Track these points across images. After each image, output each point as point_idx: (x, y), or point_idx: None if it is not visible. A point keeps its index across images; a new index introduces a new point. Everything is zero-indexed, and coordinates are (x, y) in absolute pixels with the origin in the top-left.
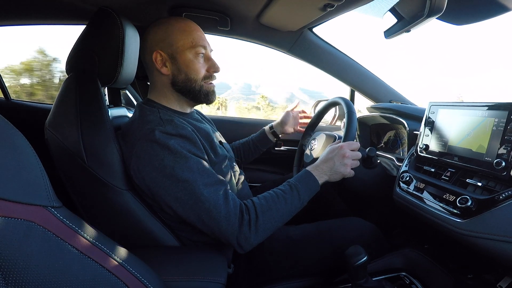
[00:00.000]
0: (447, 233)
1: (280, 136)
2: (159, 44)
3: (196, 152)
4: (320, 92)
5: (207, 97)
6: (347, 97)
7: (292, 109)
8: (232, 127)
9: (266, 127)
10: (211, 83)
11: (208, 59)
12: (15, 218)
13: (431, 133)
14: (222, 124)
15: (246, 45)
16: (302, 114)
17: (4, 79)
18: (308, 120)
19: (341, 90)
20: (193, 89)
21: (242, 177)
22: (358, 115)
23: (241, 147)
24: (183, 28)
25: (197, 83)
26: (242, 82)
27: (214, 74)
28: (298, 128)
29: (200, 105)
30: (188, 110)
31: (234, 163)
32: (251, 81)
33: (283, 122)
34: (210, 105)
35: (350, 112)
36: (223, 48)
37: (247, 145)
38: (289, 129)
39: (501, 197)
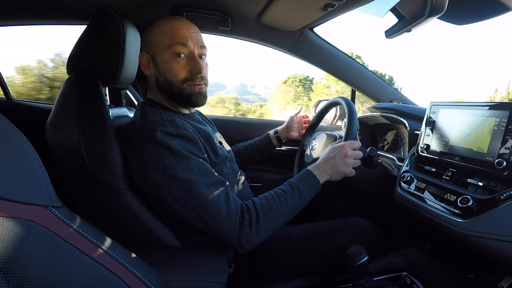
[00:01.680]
0: (448, 233)
1: (284, 141)
2: (144, 45)
3: (197, 152)
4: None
5: (189, 100)
6: (348, 96)
7: (296, 114)
8: (233, 127)
9: (271, 132)
10: (198, 84)
11: (191, 59)
12: (16, 218)
13: (432, 133)
14: (223, 124)
15: (244, 44)
16: (306, 119)
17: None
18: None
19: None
20: (173, 91)
21: (243, 178)
22: (358, 114)
23: (243, 150)
24: (163, 28)
25: (176, 86)
26: (238, 82)
27: (200, 75)
28: (303, 132)
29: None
30: (186, 111)
31: (235, 164)
32: (246, 81)
33: (288, 128)
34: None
35: (351, 111)
36: (220, 47)
37: (250, 148)
38: (295, 133)
39: (502, 197)
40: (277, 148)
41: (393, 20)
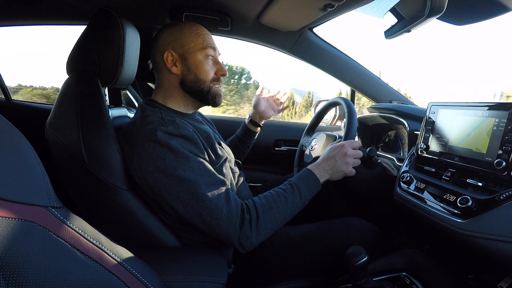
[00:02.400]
0: (448, 233)
1: (261, 123)
2: (171, 44)
3: (197, 152)
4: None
5: (215, 99)
6: (347, 97)
7: (259, 94)
8: (232, 128)
9: (246, 119)
10: (219, 86)
11: (216, 63)
12: (16, 219)
13: (431, 133)
14: (222, 124)
15: (242, 44)
16: (275, 98)
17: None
18: (283, 99)
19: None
20: (202, 90)
21: (242, 179)
22: (358, 115)
23: (229, 146)
24: (195, 31)
25: (206, 85)
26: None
27: (222, 77)
28: (278, 109)
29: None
30: (191, 111)
31: (234, 165)
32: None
33: (256, 108)
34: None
35: (351, 111)
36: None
37: (234, 142)
38: (268, 112)
39: (501, 198)
40: (276, 148)
41: (392, 20)
